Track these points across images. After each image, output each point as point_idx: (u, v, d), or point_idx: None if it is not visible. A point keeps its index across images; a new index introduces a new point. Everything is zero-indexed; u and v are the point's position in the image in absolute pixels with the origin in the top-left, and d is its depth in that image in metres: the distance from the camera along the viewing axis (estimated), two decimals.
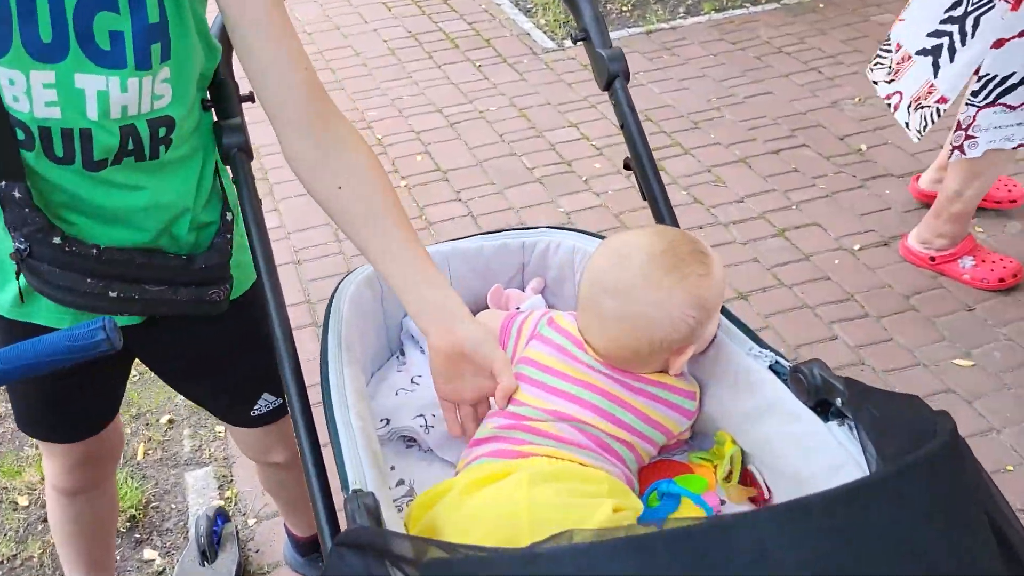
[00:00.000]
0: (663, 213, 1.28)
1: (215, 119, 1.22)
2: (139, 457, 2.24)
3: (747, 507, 1.10)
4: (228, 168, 1.22)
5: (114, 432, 1.45)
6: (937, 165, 3.00)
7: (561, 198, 3.17)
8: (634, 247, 1.11)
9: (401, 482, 1.17)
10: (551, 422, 1.09)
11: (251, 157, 1.21)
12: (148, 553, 2.01)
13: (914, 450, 0.73)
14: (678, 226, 1.28)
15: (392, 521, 0.89)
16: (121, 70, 1.01)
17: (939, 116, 2.47)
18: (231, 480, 2.18)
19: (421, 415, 1.22)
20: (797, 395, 0.99)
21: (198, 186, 1.19)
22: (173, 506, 2.13)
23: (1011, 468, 2.16)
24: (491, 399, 1.16)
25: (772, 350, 1.06)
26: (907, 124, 2.57)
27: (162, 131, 1.09)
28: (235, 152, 1.19)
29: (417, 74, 4.06)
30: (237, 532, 1.99)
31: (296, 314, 2.66)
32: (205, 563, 1.90)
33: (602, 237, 1.35)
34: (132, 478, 2.17)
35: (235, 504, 2.12)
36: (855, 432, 0.92)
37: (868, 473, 0.87)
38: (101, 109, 1.02)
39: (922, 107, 2.50)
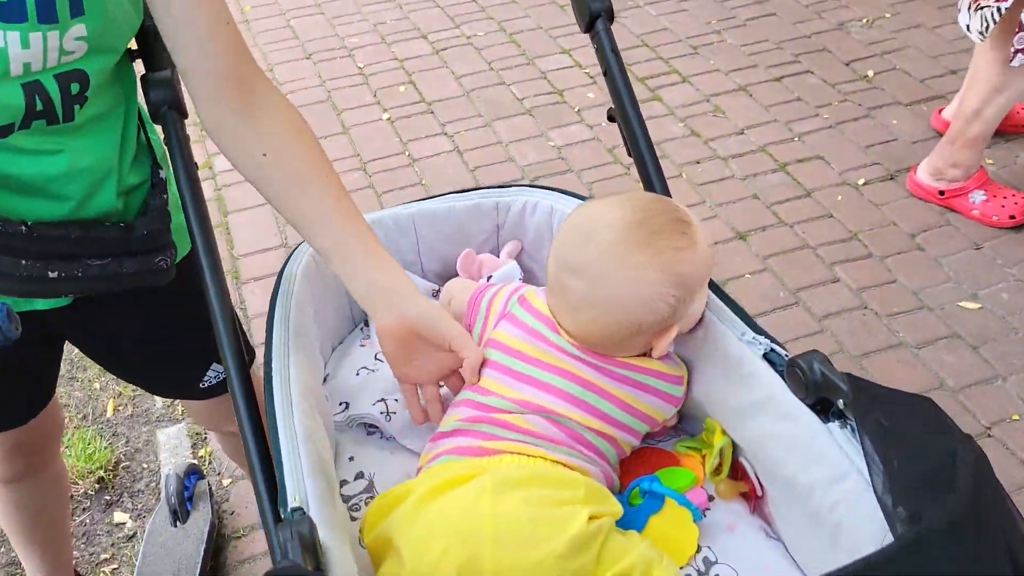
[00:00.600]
0: (650, 172, 1.15)
1: (143, 71, 1.07)
2: (109, 414, 2.15)
3: (738, 505, 1.01)
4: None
5: (49, 418, 1.34)
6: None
7: (552, 131, 3.02)
8: (602, 219, 0.98)
9: (360, 475, 1.08)
10: (521, 414, 0.98)
11: (184, 115, 1.07)
12: (119, 516, 1.94)
13: (930, 482, 0.63)
14: (666, 186, 1.15)
15: (333, 542, 0.79)
16: (20, 24, 0.87)
17: (1000, 15, 2.26)
18: (205, 438, 2.09)
19: (383, 399, 1.11)
20: (794, 391, 0.88)
21: (122, 144, 1.06)
22: (145, 465, 2.05)
23: (1016, 417, 2.08)
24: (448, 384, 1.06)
25: (767, 336, 0.94)
26: (968, 27, 2.38)
27: (75, 87, 0.96)
28: (165, 110, 1.05)
29: None
30: (211, 490, 1.92)
31: (274, 259, 2.54)
32: (177, 523, 1.83)
33: (582, 197, 1.22)
34: (101, 436, 2.09)
35: (209, 463, 2.04)
36: (857, 435, 0.81)
37: (871, 486, 0.76)
38: (0, 68, 0.89)
39: (982, 7, 2.31)
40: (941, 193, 2.62)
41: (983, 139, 2.54)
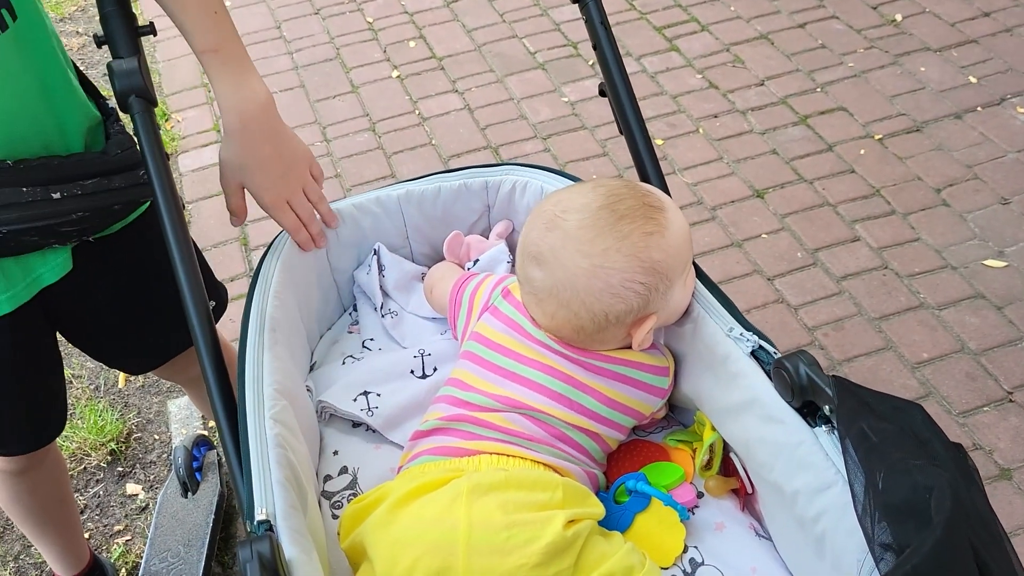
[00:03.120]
0: (640, 150, 1.10)
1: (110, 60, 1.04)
2: (120, 385, 2.16)
3: (728, 502, 0.97)
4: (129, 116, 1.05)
5: None
6: None
7: (565, 86, 2.93)
8: (567, 205, 0.94)
9: (344, 470, 1.06)
10: (501, 412, 0.95)
11: (153, 103, 1.03)
12: (131, 487, 1.95)
13: (909, 512, 0.60)
14: (657, 165, 1.10)
15: (301, 557, 0.77)
16: None
17: None
18: None
19: (364, 392, 1.09)
20: (780, 393, 0.84)
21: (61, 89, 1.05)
22: (156, 436, 2.06)
23: None
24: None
25: (756, 332, 0.90)
26: None
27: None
28: (132, 99, 1.01)
29: None
30: (220, 460, 1.92)
31: None
32: (187, 495, 1.84)
33: (572, 177, 1.17)
34: (113, 407, 2.10)
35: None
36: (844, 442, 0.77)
37: (854, 498, 0.72)
38: None
39: None
40: None
41: None
